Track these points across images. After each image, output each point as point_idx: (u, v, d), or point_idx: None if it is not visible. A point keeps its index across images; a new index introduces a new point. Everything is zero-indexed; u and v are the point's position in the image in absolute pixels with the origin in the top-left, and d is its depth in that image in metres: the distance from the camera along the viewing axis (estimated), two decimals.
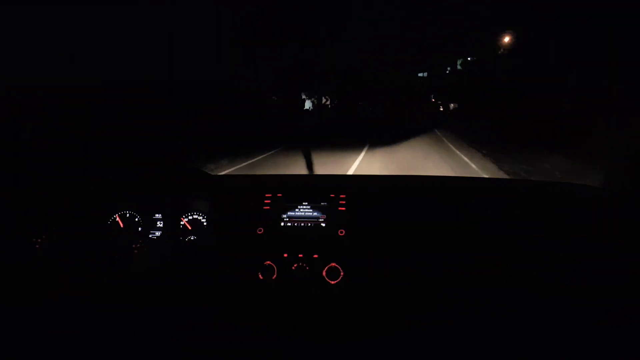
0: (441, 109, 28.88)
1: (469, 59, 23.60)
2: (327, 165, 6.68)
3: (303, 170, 1.59)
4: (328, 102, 24.24)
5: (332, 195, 1.26)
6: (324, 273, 1.16)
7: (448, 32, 22.78)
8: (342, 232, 1.20)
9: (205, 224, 1.33)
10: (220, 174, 3.04)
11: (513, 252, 1.14)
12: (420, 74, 25.08)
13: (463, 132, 12.09)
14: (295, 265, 1.17)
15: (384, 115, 24.47)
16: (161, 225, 1.35)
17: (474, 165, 6.63)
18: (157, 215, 1.36)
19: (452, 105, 27.45)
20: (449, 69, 24.70)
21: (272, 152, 8.87)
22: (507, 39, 18.54)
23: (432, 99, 29.40)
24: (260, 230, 1.23)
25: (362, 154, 8.15)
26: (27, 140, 1.30)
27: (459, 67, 24.54)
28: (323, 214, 1.25)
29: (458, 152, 8.45)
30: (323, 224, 1.24)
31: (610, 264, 1.10)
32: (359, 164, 6.97)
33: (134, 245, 1.24)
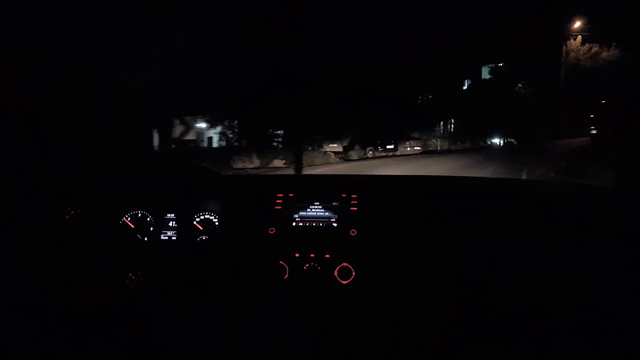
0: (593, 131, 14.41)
1: (500, 64, 15.16)
2: None
3: None
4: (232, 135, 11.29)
5: (344, 195, 1.26)
6: (335, 273, 1.15)
7: (465, 29, 14.36)
8: (353, 232, 1.19)
9: (216, 223, 1.33)
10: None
11: (525, 253, 1.13)
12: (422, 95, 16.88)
13: None
14: (306, 265, 1.16)
15: None
16: (172, 225, 1.35)
17: None
18: (168, 215, 1.35)
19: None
20: (467, 82, 16.42)
21: None
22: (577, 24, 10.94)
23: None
24: (271, 230, 1.22)
25: None
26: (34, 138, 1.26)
27: (487, 76, 16.04)
28: (334, 214, 1.25)
29: None
30: (335, 224, 1.24)
31: (619, 266, 1.09)
32: None
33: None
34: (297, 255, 1.17)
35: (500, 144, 15.70)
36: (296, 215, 1.25)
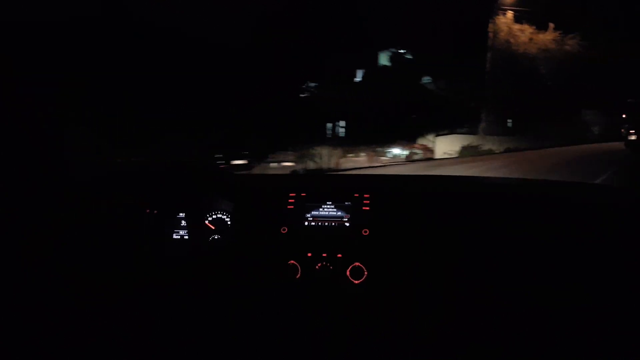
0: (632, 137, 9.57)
1: (401, 51, 11.07)
2: None
3: None
4: None
5: (356, 195, 1.24)
6: (347, 273, 1.14)
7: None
8: (366, 232, 1.18)
9: (229, 223, 1.32)
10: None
11: (536, 253, 1.11)
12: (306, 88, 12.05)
13: None
14: (319, 265, 1.15)
15: None
16: (185, 225, 1.34)
17: None
18: (181, 214, 1.34)
19: None
20: (361, 73, 12.08)
21: None
22: None
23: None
24: (284, 230, 1.22)
25: None
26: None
27: (385, 63, 11.81)
28: (347, 213, 1.23)
29: None
30: (347, 224, 1.22)
31: (620, 266, 1.07)
32: None
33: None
34: (309, 254, 1.16)
35: (403, 156, 11.25)
36: (308, 215, 1.24)
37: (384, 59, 11.49)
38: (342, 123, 12.22)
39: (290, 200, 1.24)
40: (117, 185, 1.35)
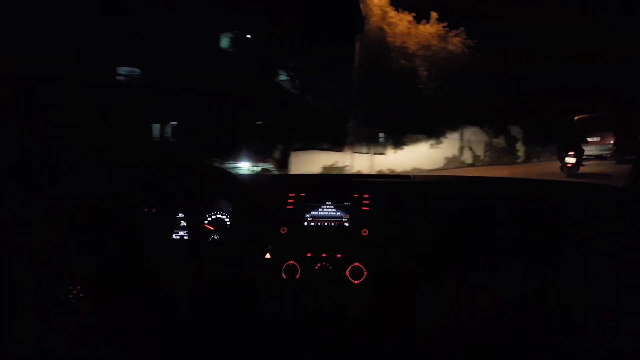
0: (570, 159, 6.46)
1: (248, 36, 8.39)
2: None
3: None
4: None
5: (356, 195, 1.25)
6: (347, 273, 1.14)
7: None
8: (365, 232, 1.19)
9: (228, 223, 1.32)
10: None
11: (542, 255, 1.11)
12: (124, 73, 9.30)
13: None
14: (318, 265, 1.15)
15: None
16: (184, 225, 1.33)
17: None
18: (180, 214, 1.34)
19: None
20: (197, 59, 9.43)
21: None
22: None
23: None
24: (283, 230, 1.22)
25: None
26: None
27: (226, 47, 9.11)
28: (346, 213, 1.23)
29: None
30: (346, 224, 1.22)
31: (621, 266, 1.07)
32: None
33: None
34: (308, 255, 1.16)
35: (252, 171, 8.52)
36: (308, 215, 1.24)
37: (226, 43, 8.72)
38: (173, 124, 9.19)
39: (289, 201, 1.25)
40: (116, 184, 1.31)
